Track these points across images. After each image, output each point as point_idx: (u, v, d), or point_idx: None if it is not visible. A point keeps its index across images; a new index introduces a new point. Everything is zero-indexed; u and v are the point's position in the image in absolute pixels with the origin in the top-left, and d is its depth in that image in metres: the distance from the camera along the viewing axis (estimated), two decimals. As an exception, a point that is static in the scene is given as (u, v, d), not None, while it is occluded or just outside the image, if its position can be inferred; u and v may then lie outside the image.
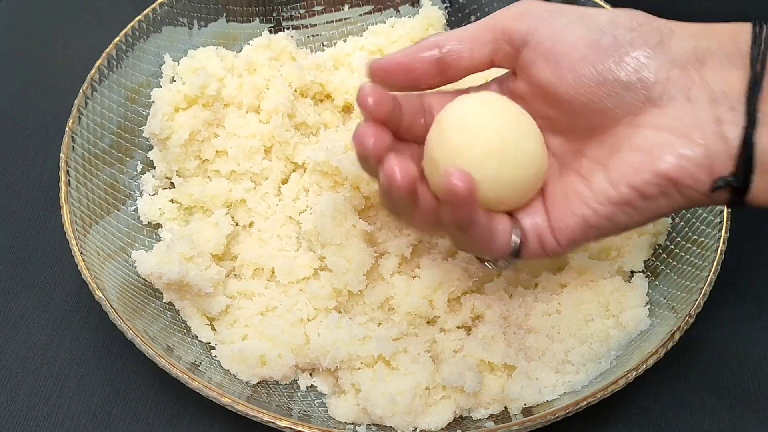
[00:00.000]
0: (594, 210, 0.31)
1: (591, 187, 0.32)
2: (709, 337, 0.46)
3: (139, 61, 0.51)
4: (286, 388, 0.43)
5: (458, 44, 0.34)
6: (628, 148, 0.31)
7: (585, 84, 0.31)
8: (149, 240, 0.48)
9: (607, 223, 0.32)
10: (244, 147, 0.48)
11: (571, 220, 0.32)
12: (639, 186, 0.30)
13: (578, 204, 0.32)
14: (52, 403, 0.44)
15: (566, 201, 0.32)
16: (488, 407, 0.41)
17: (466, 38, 0.34)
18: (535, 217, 0.33)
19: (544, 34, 0.32)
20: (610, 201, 0.31)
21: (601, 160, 0.32)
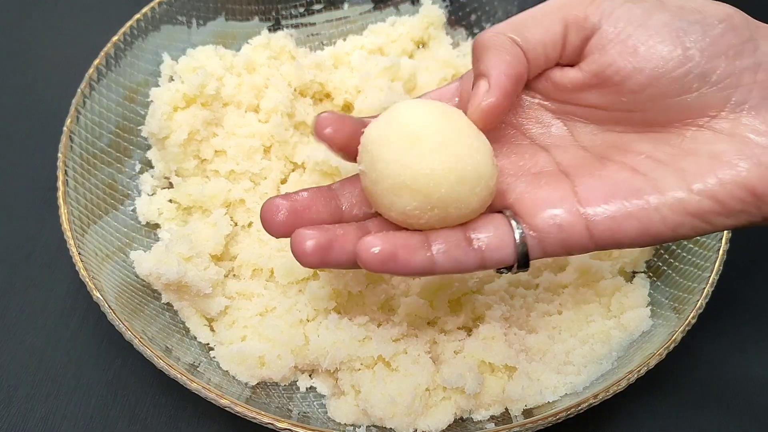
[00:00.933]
0: (663, 218, 0.28)
1: (659, 187, 0.28)
2: (712, 337, 0.46)
3: (138, 60, 0.51)
4: (285, 390, 0.42)
5: (531, 39, 0.31)
6: (707, 154, 0.28)
7: (665, 76, 0.28)
8: (148, 240, 0.47)
9: (668, 233, 0.29)
10: (243, 146, 0.48)
11: (625, 221, 0.28)
12: (722, 198, 0.27)
13: (641, 205, 0.28)
14: (50, 404, 0.44)
15: (618, 197, 0.29)
16: (489, 408, 0.41)
17: (536, 33, 0.31)
18: (561, 209, 0.29)
19: (622, 17, 0.29)
20: (686, 210, 0.28)
21: (665, 160, 0.29)
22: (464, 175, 0.28)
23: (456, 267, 0.30)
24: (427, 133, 0.28)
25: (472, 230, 0.30)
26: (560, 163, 0.32)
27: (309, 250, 0.29)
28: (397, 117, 0.30)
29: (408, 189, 0.28)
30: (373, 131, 0.30)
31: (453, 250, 0.29)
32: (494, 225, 0.30)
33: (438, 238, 0.30)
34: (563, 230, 0.29)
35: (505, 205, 0.31)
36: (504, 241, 0.30)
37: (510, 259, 0.30)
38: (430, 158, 0.28)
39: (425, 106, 0.30)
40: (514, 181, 0.32)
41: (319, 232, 0.29)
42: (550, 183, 0.30)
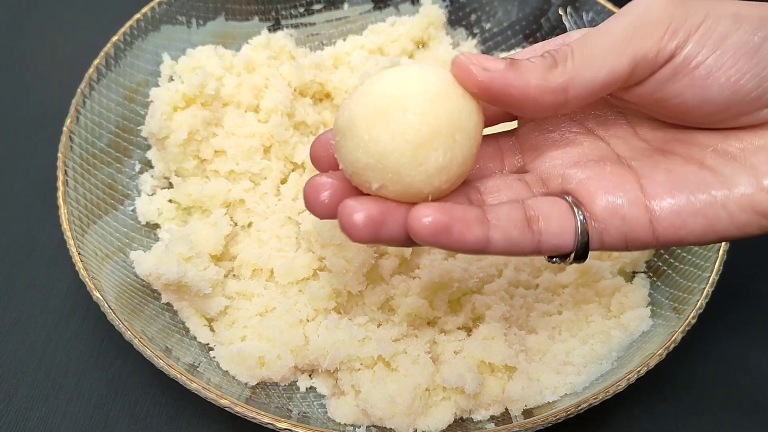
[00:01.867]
0: (731, 215, 0.27)
1: (727, 183, 0.27)
2: (712, 337, 0.46)
3: (138, 60, 0.51)
4: (285, 390, 0.42)
5: (590, 76, 0.27)
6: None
7: (737, 102, 0.27)
8: (147, 240, 0.47)
9: (735, 232, 0.27)
10: (243, 146, 0.48)
11: (691, 217, 0.27)
12: None
13: (708, 201, 0.27)
14: (50, 404, 0.44)
15: (686, 191, 0.27)
16: (489, 408, 0.41)
17: (599, 70, 0.27)
18: (626, 200, 0.28)
19: (698, 42, 0.27)
20: (755, 209, 0.27)
21: (734, 154, 0.28)
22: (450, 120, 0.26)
23: (511, 249, 0.28)
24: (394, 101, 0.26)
25: (533, 210, 0.28)
26: (620, 154, 0.30)
27: (360, 223, 0.26)
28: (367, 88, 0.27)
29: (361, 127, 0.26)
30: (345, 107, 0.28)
31: (511, 230, 0.27)
32: (557, 208, 0.28)
33: (498, 214, 0.27)
34: (626, 222, 0.27)
35: (566, 190, 0.29)
36: (564, 227, 0.28)
37: (567, 247, 0.28)
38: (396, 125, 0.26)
39: (396, 74, 0.27)
40: (571, 168, 0.30)
41: (371, 203, 0.27)
42: (614, 172, 0.29)
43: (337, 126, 0.28)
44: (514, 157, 0.32)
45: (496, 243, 0.27)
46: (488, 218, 0.27)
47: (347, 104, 0.27)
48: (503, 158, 0.32)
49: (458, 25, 0.58)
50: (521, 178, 0.31)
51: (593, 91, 0.27)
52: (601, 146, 0.31)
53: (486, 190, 0.30)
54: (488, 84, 0.27)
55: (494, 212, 0.28)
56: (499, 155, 0.32)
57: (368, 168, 0.26)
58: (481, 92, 0.27)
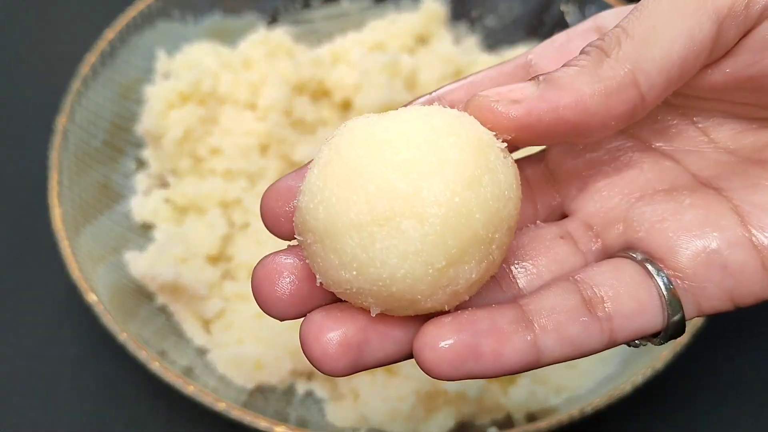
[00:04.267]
0: None
1: None
2: (719, 339, 0.46)
3: (132, 57, 0.51)
4: (283, 393, 0.42)
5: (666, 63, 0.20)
6: None
7: None
8: (142, 240, 0.47)
9: None
10: (239, 145, 0.47)
11: None
12: None
13: None
14: (44, 409, 0.43)
15: None
16: (491, 413, 0.40)
17: (675, 45, 0.19)
18: (721, 242, 0.20)
19: None
20: None
21: None
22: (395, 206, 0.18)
23: (573, 352, 0.20)
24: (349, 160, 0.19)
25: (590, 288, 0.20)
26: (698, 174, 0.22)
27: (333, 351, 0.19)
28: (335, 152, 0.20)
29: (328, 239, 0.19)
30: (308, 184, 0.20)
31: (568, 327, 0.19)
32: (626, 276, 0.20)
33: (541, 309, 0.20)
34: (730, 273, 0.20)
35: (631, 242, 0.21)
36: (642, 302, 0.20)
37: (653, 327, 0.20)
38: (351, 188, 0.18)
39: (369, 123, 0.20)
40: (634, 207, 0.22)
41: (348, 318, 0.19)
42: (697, 203, 0.21)
43: (307, 221, 0.19)
44: (548, 194, 0.24)
45: (551, 350, 0.19)
46: (529, 316, 0.20)
47: (322, 188, 0.19)
48: (534, 197, 0.24)
49: (459, 21, 0.57)
50: (564, 233, 0.23)
51: (671, 73, 0.19)
52: (670, 167, 0.23)
53: (518, 259, 0.22)
54: (527, 118, 0.19)
55: (537, 305, 0.20)
56: (529, 195, 0.24)
57: (365, 294, 0.19)
58: (521, 132, 0.20)
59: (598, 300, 0.20)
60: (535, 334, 0.19)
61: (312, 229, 0.19)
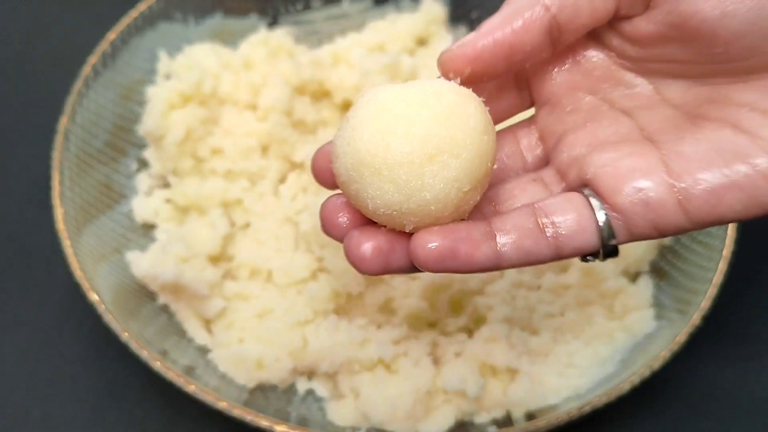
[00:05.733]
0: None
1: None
2: (717, 339, 0.46)
3: (134, 58, 0.51)
4: (283, 392, 0.42)
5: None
6: None
7: (762, 19, 0.24)
8: (144, 240, 0.47)
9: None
10: (240, 145, 0.47)
11: (728, 191, 0.24)
12: None
13: (746, 172, 0.24)
14: (46, 407, 0.43)
15: (718, 162, 0.24)
16: (491, 412, 0.41)
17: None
18: (648, 183, 0.25)
19: None
20: None
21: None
22: (437, 147, 0.24)
23: (527, 259, 0.26)
24: (393, 117, 0.25)
25: (545, 214, 0.26)
26: (645, 128, 0.27)
27: (369, 255, 0.25)
28: (359, 109, 0.26)
29: (378, 174, 0.24)
30: (338, 137, 0.26)
31: (523, 240, 0.25)
32: (572, 206, 0.26)
33: (505, 226, 0.26)
34: (652, 209, 0.25)
35: (583, 181, 0.27)
36: (583, 225, 0.26)
37: (591, 247, 0.26)
38: (394, 136, 0.24)
39: (388, 89, 0.26)
40: (590, 153, 0.27)
41: (379, 234, 0.26)
42: (634, 153, 0.26)
43: (364, 159, 0.25)
44: (535, 149, 0.30)
45: (509, 256, 0.26)
46: (494, 231, 0.26)
47: (360, 137, 0.25)
48: (522, 153, 0.30)
49: (459, 22, 0.57)
50: (537, 178, 0.29)
51: (582, 9, 0.26)
52: (624, 122, 0.28)
53: (499, 198, 0.28)
54: (473, 51, 0.26)
55: (501, 223, 0.26)
56: (518, 150, 0.30)
57: (409, 214, 0.25)
58: (475, 64, 0.26)
59: (549, 222, 0.26)
60: (498, 244, 0.25)
61: (368, 165, 0.24)
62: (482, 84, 0.28)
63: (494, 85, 0.29)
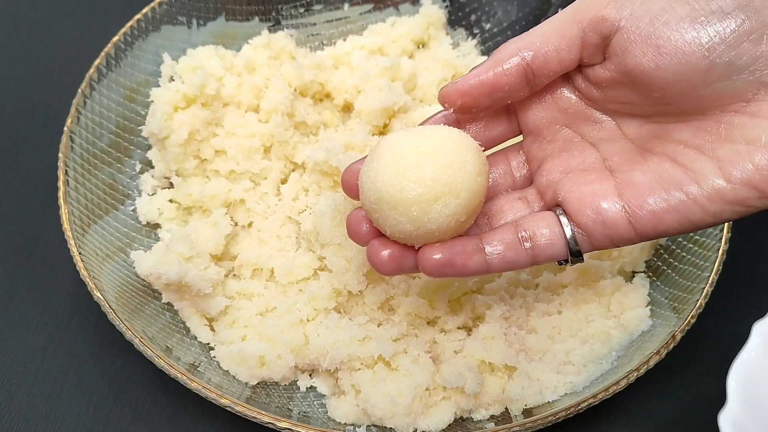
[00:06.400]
0: (703, 208, 0.29)
1: (697, 179, 0.29)
2: (711, 337, 0.46)
3: (138, 61, 0.51)
4: (285, 389, 0.43)
5: (543, 46, 0.31)
6: (744, 140, 0.28)
7: (690, 70, 0.28)
8: (148, 240, 0.47)
9: (710, 220, 0.29)
10: (243, 146, 0.48)
11: (666, 213, 0.29)
12: (759, 185, 0.28)
13: (681, 198, 0.29)
14: (52, 403, 0.44)
15: (659, 190, 0.30)
16: (489, 408, 0.41)
17: (551, 37, 0.31)
18: (605, 206, 0.31)
19: (642, 16, 0.29)
20: (725, 200, 0.29)
21: (703, 147, 0.30)
22: (440, 191, 0.30)
23: (509, 266, 0.32)
24: (407, 164, 0.31)
25: (524, 230, 0.32)
26: (607, 158, 0.33)
27: (386, 259, 0.32)
28: (380, 153, 0.32)
29: (395, 209, 0.31)
30: (363, 173, 0.33)
31: (506, 252, 0.32)
32: (545, 223, 0.32)
33: (492, 241, 0.32)
34: (607, 227, 0.31)
35: (556, 202, 0.33)
36: (554, 240, 0.32)
37: (561, 255, 0.32)
38: (407, 181, 0.30)
39: (402, 136, 0.32)
40: (563, 179, 0.33)
41: (392, 245, 0.33)
42: (595, 181, 0.32)
43: (383, 197, 0.31)
44: (522, 169, 0.36)
45: (495, 265, 0.32)
46: (483, 245, 0.32)
47: (382, 179, 0.31)
48: (512, 172, 0.36)
49: (458, 26, 0.58)
50: (522, 196, 0.35)
51: (548, 54, 0.31)
52: (591, 152, 0.34)
53: (492, 212, 0.35)
54: (464, 87, 0.32)
55: (490, 239, 0.33)
56: (509, 170, 0.36)
57: (417, 237, 0.32)
58: (465, 98, 0.32)
59: (527, 237, 0.32)
60: (486, 256, 0.32)
61: (387, 201, 0.31)
62: (472, 114, 0.34)
63: (490, 116, 0.35)
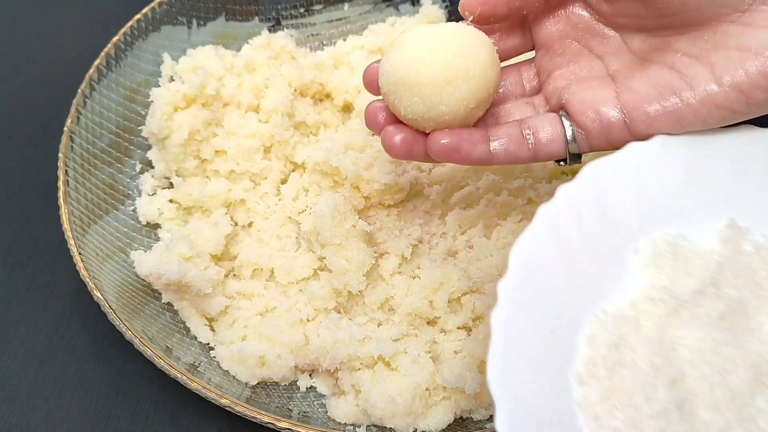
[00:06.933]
0: (694, 111, 0.31)
1: (691, 83, 0.31)
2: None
3: (138, 61, 0.51)
4: (285, 389, 0.43)
5: None
6: (736, 47, 0.30)
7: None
8: (148, 240, 0.47)
9: (697, 123, 0.31)
10: (243, 146, 0.48)
11: (660, 115, 0.32)
12: (747, 90, 0.30)
13: (674, 102, 0.31)
14: (52, 403, 0.44)
15: (655, 94, 0.32)
16: (489, 408, 0.41)
17: None
18: (604, 108, 0.33)
19: None
20: (714, 103, 0.31)
21: (699, 55, 0.31)
22: (453, 75, 0.32)
23: (511, 159, 0.34)
24: (424, 50, 0.32)
25: (528, 128, 0.34)
26: (610, 68, 0.35)
27: (399, 144, 0.34)
28: (401, 42, 0.33)
29: (410, 90, 0.32)
30: (384, 60, 0.34)
31: (510, 144, 0.34)
32: (548, 122, 0.34)
33: (497, 134, 0.34)
34: (605, 127, 0.33)
35: (561, 105, 0.35)
36: (555, 137, 0.34)
37: (560, 153, 0.34)
38: (423, 64, 0.32)
39: (423, 28, 0.34)
40: (568, 85, 0.35)
41: (406, 130, 0.34)
42: (597, 87, 0.34)
43: (400, 79, 0.33)
44: (532, 81, 0.38)
45: (498, 156, 0.34)
46: (489, 137, 0.34)
47: (410, 62, 0.33)
48: (522, 83, 0.38)
49: (458, 25, 0.58)
50: (530, 101, 0.37)
51: None
52: (596, 64, 0.36)
53: (500, 114, 0.37)
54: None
55: (495, 131, 0.34)
56: (520, 81, 0.38)
57: (428, 120, 0.33)
58: (485, 7, 0.34)
59: (531, 133, 0.34)
60: (490, 147, 0.34)
61: (404, 83, 0.33)
62: (491, 23, 0.36)
63: (506, 29, 0.37)
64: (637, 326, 0.29)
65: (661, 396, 0.27)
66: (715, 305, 0.29)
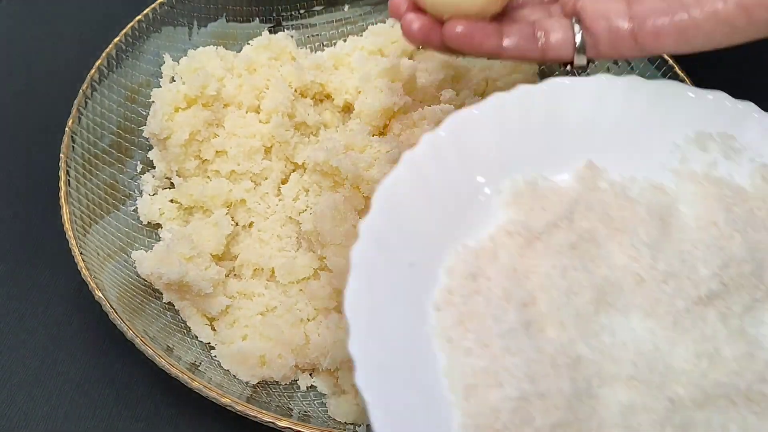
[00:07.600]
0: (697, 23, 0.32)
1: (702, 3, 0.32)
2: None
3: (139, 61, 0.51)
4: (286, 389, 0.43)
5: None
6: None
7: None
8: (149, 240, 0.48)
9: (702, 38, 0.32)
10: (243, 147, 0.48)
11: (667, 29, 0.33)
12: (751, 8, 0.31)
13: (680, 14, 0.32)
14: (52, 403, 0.44)
15: (664, 7, 0.33)
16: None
17: None
18: (615, 18, 0.34)
19: None
20: (718, 18, 0.31)
21: None
22: None
23: (521, 55, 0.35)
24: None
25: (540, 29, 0.35)
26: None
27: (417, 30, 0.35)
28: None
29: None
30: None
31: (520, 41, 0.35)
32: (560, 26, 0.35)
33: (510, 30, 0.35)
34: (613, 35, 0.34)
35: (574, 12, 0.36)
36: (564, 40, 0.35)
37: (568, 55, 0.35)
38: None
39: None
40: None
41: (424, 17, 0.35)
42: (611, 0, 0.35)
43: None
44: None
45: (509, 50, 0.35)
46: (503, 32, 0.35)
47: None
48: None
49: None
50: (546, 8, 0.38)
51: None
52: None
53: (516, 17, 0.38)
54: None
55: (509, 28, 0.35)
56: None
57: (448, 7, 0.34)
58: None
59: (542, 34, 0.35)
60: (502, 41, 0.35)
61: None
62: None
63: None
64: (494, 257, 0.30)
65: (510, 317, 0.28)
66: (567, 236, 0.30)
